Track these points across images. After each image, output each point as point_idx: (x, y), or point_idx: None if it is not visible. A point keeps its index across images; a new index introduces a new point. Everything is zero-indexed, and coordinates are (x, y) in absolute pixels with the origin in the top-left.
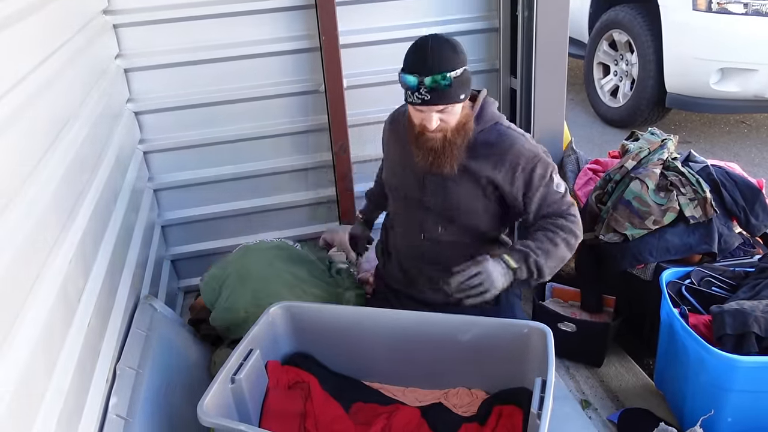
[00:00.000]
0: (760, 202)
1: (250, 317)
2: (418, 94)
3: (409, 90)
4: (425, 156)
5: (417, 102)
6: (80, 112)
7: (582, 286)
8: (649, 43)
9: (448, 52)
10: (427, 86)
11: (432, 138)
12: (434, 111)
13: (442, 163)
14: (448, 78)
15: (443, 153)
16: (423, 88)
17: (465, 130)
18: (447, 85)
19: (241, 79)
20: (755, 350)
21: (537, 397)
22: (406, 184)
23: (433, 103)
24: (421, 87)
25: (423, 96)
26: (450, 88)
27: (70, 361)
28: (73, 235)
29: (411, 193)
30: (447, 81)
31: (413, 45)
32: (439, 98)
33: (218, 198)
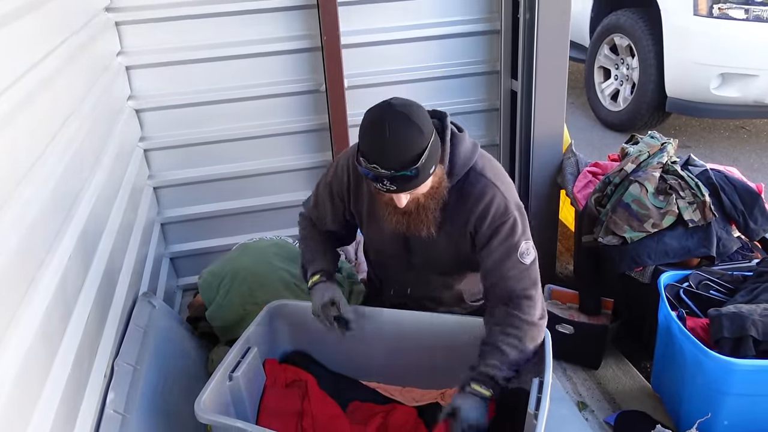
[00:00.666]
0: (759, 206)
1: (248, 315)
2: (381, 185)
3: (369, 178)
4: (399, 220)
5: (382, 190)
6: (81, 109)
7: (580, 288)
8: (650, 48)
9: (409, 137)
10: (391, 179)
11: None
12: (402, 196)
13: (418, 227)
14: (412, 173)
15: (417, 217)
16: (386, 180)
17: (438, 193)
18: (413, 173)
19: (243, 78)
20: (752, 353)
21: (534, 397)
22: (389, 247)
23: (400, 191)
24: (383, 179)
25: (387, 187)
26: (416, 177)
27: (68, 356)
28: (73, 231)
29: (395, 253)
30: (413, 171)
31: (367, 126)
32: (405, 186)
33: (218, 196)
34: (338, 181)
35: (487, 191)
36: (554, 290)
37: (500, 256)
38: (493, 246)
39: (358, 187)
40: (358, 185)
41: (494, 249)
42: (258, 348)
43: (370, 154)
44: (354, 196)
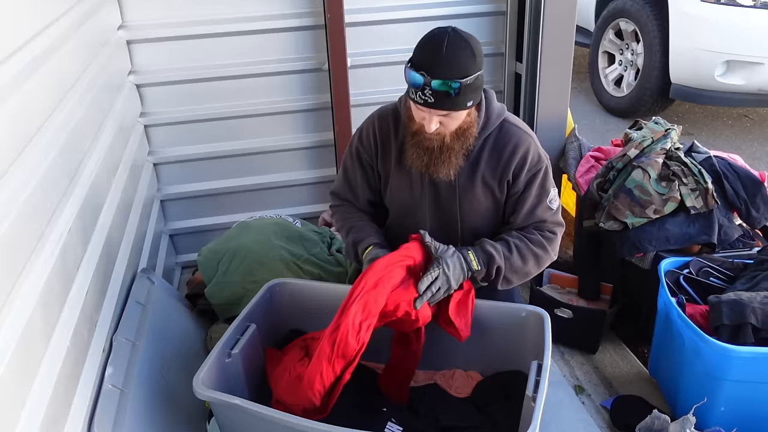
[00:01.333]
0: (762, 194)
1: (247, 293)
2: (422, 93)
3: (413, 87)
4: (420, 155)
5: (419, 102)
6: (81, 83)
7: (580, 273)
8: (655, 33)
9: (464, 55)
10: (433, 89)
11: (429, 139)
12: (436, 114)
13: (438, 167)
14: (457, 84)
15: (439, 156)
16: (428, 89)
17: (465, 137)
18: (455, 91)
19: (245, 55)
20: (751, 341)
21: (533, 380)
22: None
23: (436, 108)
24: (426, 88)
25: (427, 98)
26: (458, 96)
27: (68, 329)
28: (73, 205)
29: (420, 215)
30: (456, 88)
31: (428, 37)
32: (443, 104)
33: (218, 174)
34: (365, 146)
35: (523, 141)
36: (553, 275)
37: (533, 201)
38: (528, 193)
39: (385, 147)
40: (384, 145)
41: (529, 195)
42: (257, 326)
43: (421, 62)
44: (382, 155)
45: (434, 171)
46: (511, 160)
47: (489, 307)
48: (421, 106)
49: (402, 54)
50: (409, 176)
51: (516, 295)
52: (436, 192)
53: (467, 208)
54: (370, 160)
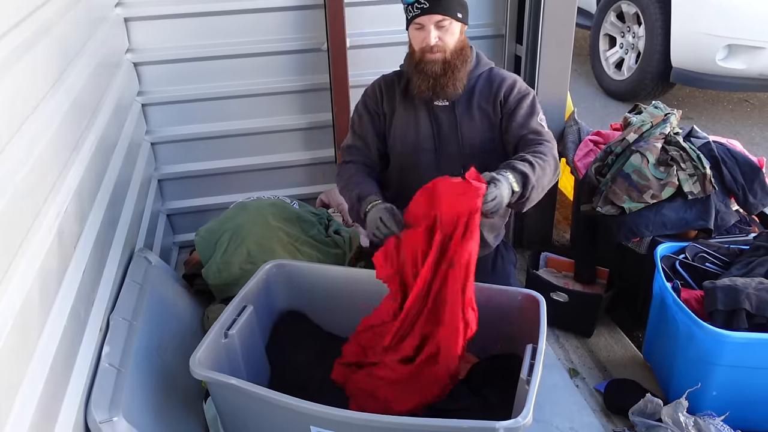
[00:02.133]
0: (760, 180)
1: (244, 274)
2: (417, 4)
3: (409, 6)
4: (425, 80)
5: (416, 13)
6: (79, 59)
7: (576, 257)
8: (657, 17)
9: None
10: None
11: (432, 61)
12: (433, 23)
13: (444, 86)
14: None
15: (444, 75)
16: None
17: (463, 56)
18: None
19: (243, 34)
20: (745, 326)
21: (527, 363)
22: (419, 137)
23: (432, 11)
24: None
25: (422, 4)
26: (449, 1)
27: (65, 306)
28: (71, 181)
29: (425, 144)
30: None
31: None
32: (437, 6)
33: (216, 154)
34: (371, 96)
35: (511, 76)
36: (550, 258)
37: (526, 113)
38: (520, 107)
39: (389, 93)
40: (388, 91)
41: (520, 109)
42: (254, 306)
43: None
44: (387, 99)
45: (441, 91)
46: (501, 86)
47: (485, 291)
48: (419, 17)
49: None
50: (414, 110)
51: (513, 278)
52: (438, 121)
53: (467, 132)
54: (376, 107)
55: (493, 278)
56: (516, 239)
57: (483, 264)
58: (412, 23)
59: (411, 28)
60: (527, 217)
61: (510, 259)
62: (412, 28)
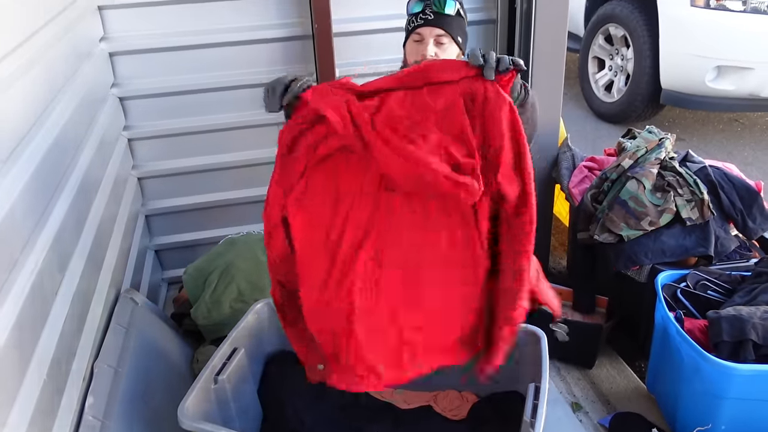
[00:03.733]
0: (758, 205)
1: (235, 314)
2: (422, 14)
3: (413, 16)
4: None
5: (419, 23)
6: (62, 96)
7: (575, 286)
8: (645, 39)
9: (456, 1)
10: (433, 8)
11: None
12: (434, 35)
13: None
14: (453, 6)
15: None
16: (429, 9)
17: None
18: (451, 13)
19: (230, 66)
20: (752, 358)
21: (530, 404)
22: None
23: (435, 24)
24: (426, 9)
25: (427, 16)
26: (453, 19)
27: (44, 359)
28: (52, 224)
29: None
30: (451, 10)
31: None
32: (441, 21)
33: (205, 188)
34: None
35: None
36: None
37: None
38: None
39: None
40: None
41: None
42: (245, 349)
43: None
44: None
45: None
46: None
47: None
48: (421, 27)
49: (390, 64)
50: None
51: None
52: None
53: None
54: None
55: None
56: None
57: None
58: (412, 34)
59: (410, 41)
60: None
61: None
62: (410, 40)
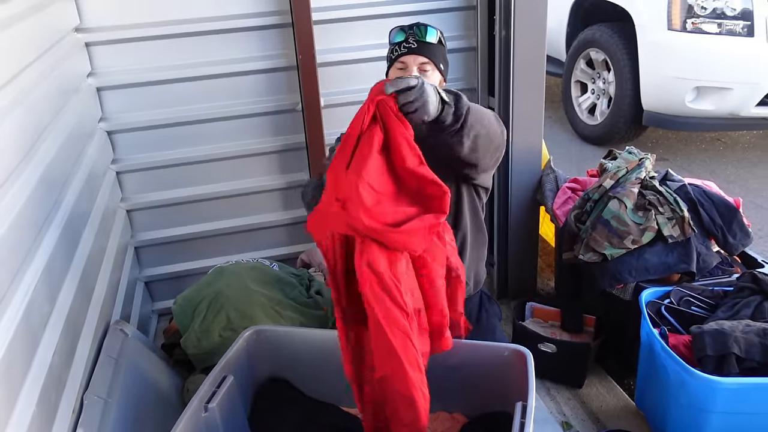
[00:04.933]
0: (738, 221)
1: (225, 342)
2: (405, 43)
3: (396, 45)
4: None
5: (403, 52)
6: (50, 131)
7: (562, 306)
8: (625, 62)
9: (437, 29)
10: (416, 37)
11: None
12: (417, 63)
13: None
14: (435, 34)
15: None
16: (411, 38)
17: None
18: (433, 41)
19: (217, 98)
20: (736, 371)
21: (518, 422)
22: None
23: (418, 52)
24: (409, 38)
25: (410, 44)
26: (435, 47)
27: (33, 392)
28: (41, 257)
29: None
30: (433, 38)
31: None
32: (424, 49)
33: (193, 218)
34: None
35: None
36: (536, 308)
37: None
38: None
39: None
40: None
41: None
42: (234, 376)
43: (403, 25)
44: None
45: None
46: None
47: (470, 347)
48: (404, 56)
49: None
50: None
51: (499, 331)
52: None
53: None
54: None
55: (477, 334)
56: (500, 290)
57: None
58: (396, 62)
59: (393, 69)
60: (510, 267)
61: (494, 312)
62: (394, 68)
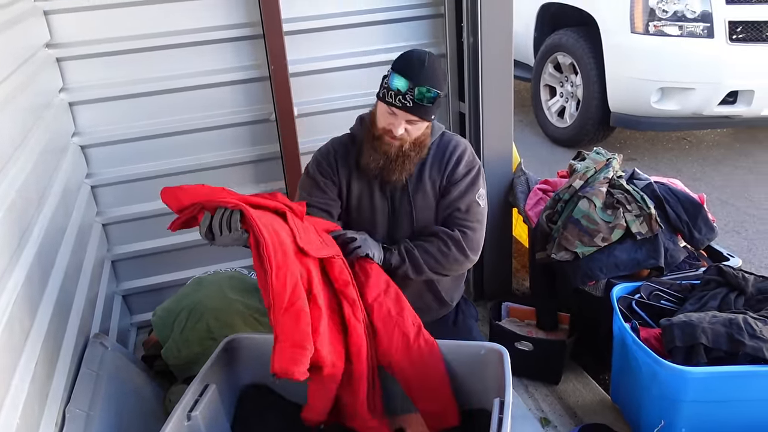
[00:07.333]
0: (702, 216)
1: (205, 352)
2: (402, 98)
3: (392, 91)
4: (376, 159)
5: (397, 105)
6: (23, 148)
7: (537, 304)
8: (591, 65)
9: (441, 73)
10: (415, 96)
11: (389, 143)
12: (405, 119)
13: (390, 172)
14: (434, 94)
15: (395, 161)
16: (410, 94)
17: (421, 147)
18: (431, 101)
19: (191, 110)
20: (704, 361)
21: (496, 418)
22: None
23: (411, 113)
24: (408, 93)
25: (406, 102)
26: (431, 106)
27: (16, 404)
28: (18, 274)
29: (380, 223)
30: (432, 97)
31: (409, 52)
32: (418, 110)
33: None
34: (325, 158)
35: (461, 143)
36: (511, 307)
37: (464, 189)
38: (461, 184)
39: (343, 162)
40: (343, 159)
41: (460, 185)
42: (216, 384)
43: (407, 70)
44: (341, 167)
45: (386, 175)
46: (452, 155)
47: (449, 347)
48: (398, 109)
49: (346, 100)
50: (368, 184)
51: (476, 331)
52: (393, 201)
53: (420, 210)
54: (330, 168)
55: (455, 335)
56: (476, 292)
57: (444, 322)
58: (387, 106)
59: (381, 107)
60: (486, 268)
61: (471, 314)
62: (383, 107)
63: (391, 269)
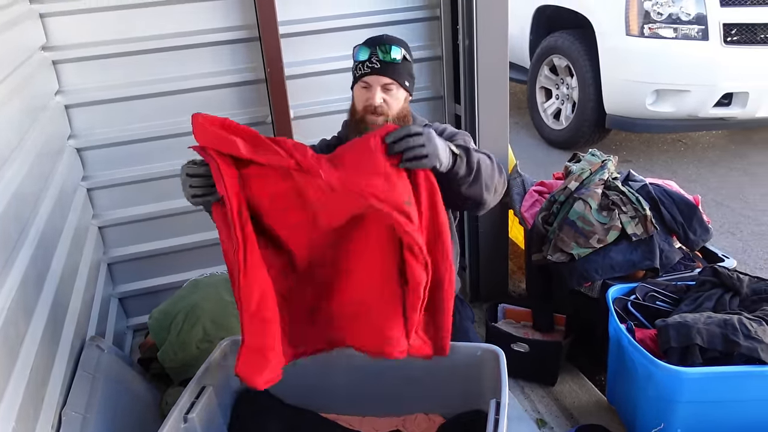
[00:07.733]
0: (697, 217)
1: (202, 354)
2: (369, 63)
3: (359, 63)
4: None
5: (366, 72)
6: (19, 150)
7: (533, 306)
8: (587, 68)
9: (402, 42)
10: (379, 57)
11: (373, 122)
12: (380, 84)
13: None
14: (399, 52)
15: None
16: (375, 57)
17: (404, 122)
18: (397, 60)
19: (186, 113)
20: (699, 361)
21: (492, 419)
22: None
23: (381, 73)
24: (372, 57)
25: (373, 64)
26: (399, 65)
27: (12, 408)
28: (14, 277)
29: None
30: (397, 55)
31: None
32: (387, 70)
33: (166, 233)
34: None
35: (443, 125)
36: (508, 309)
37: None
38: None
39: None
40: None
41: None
42: (213, 387)
43: (368, 41)
44: None
45: None
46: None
47: None
48: (368, 76)
49: (342, 103)
50: None
51: (472, 333)
52: None
53: None
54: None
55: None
56: (473, 293)
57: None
58: (359, 81)
59: (357, 87)
60: (482, 270)
61: (467, 315)
62: (358, 86)
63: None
